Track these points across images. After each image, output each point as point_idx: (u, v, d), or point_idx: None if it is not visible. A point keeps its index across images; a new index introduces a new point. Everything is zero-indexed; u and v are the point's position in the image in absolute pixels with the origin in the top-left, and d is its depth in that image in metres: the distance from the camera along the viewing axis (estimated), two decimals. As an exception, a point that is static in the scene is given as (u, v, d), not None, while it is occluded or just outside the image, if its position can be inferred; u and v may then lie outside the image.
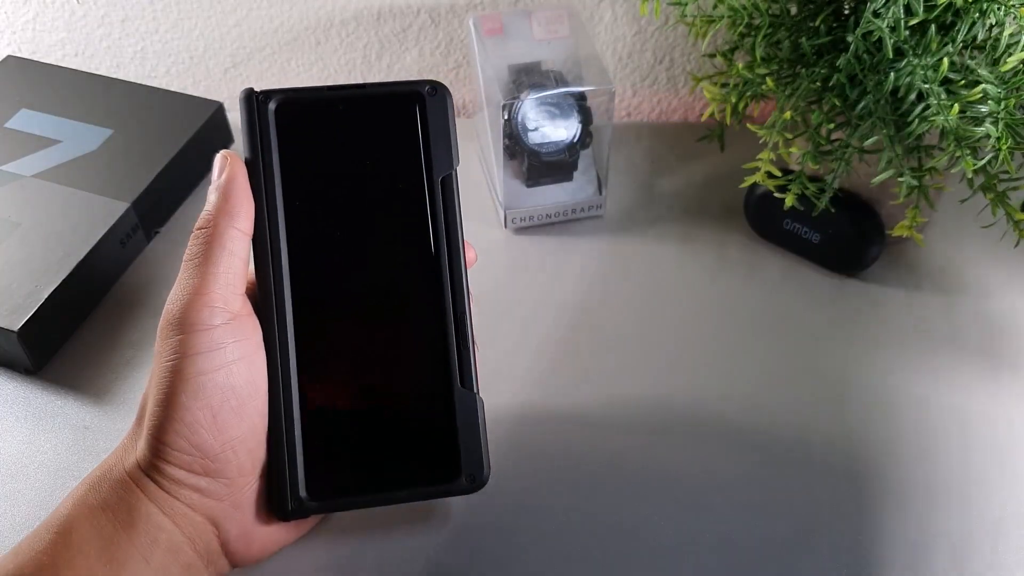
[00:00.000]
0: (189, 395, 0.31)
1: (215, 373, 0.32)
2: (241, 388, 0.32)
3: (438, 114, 0.36)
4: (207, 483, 0.32)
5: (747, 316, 0.51)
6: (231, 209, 0.33)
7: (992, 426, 0.45)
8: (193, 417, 0.31)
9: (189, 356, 0.31)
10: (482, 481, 0.35)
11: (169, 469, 0.32)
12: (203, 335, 0.32)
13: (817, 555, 0.40)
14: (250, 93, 0.35)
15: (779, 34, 0.48)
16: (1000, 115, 0.42)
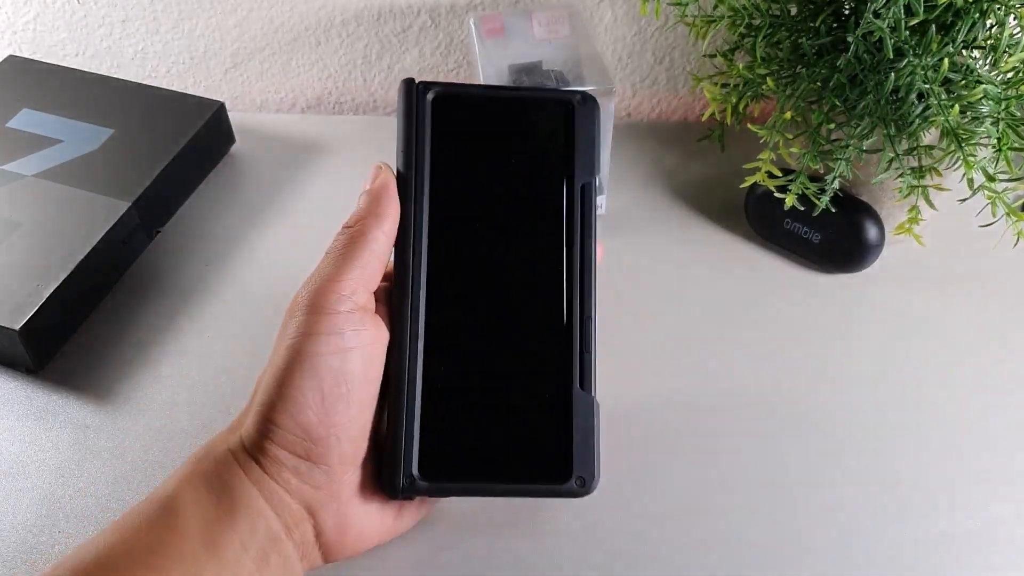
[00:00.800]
0: (303, 374, 0.32)
1: (331, 356, 0.32)
2: (353, 376, 0.33)
3: (586, 123, 0.37)
4: (308, 468, 0.33)
5: (747, 316, 0.51)
6: (380, 212, 0.35)
7: (992, 425, 0.45)
8: (303, 397, 0.32)
9: (309, 335, 0.32)
10: (592, 486, 0.35)
11: (272, 448, 0.32)
12: (326, 318, 0.33)
13: (818, 554, 0.40)
14: (410, 82, 0.36)
15: (779, 34, 0.48)
16: (1000, 115, 0.42)
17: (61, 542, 0.40)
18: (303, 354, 0.32)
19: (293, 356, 0.32)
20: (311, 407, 0.32)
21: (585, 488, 0.35)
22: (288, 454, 0.33)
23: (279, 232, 0.56)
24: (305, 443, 0.33)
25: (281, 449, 0.32)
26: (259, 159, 0.61)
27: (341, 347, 0.33)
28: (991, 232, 0.47)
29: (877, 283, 0.53)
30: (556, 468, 0.35)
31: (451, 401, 0.35)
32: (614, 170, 0.59)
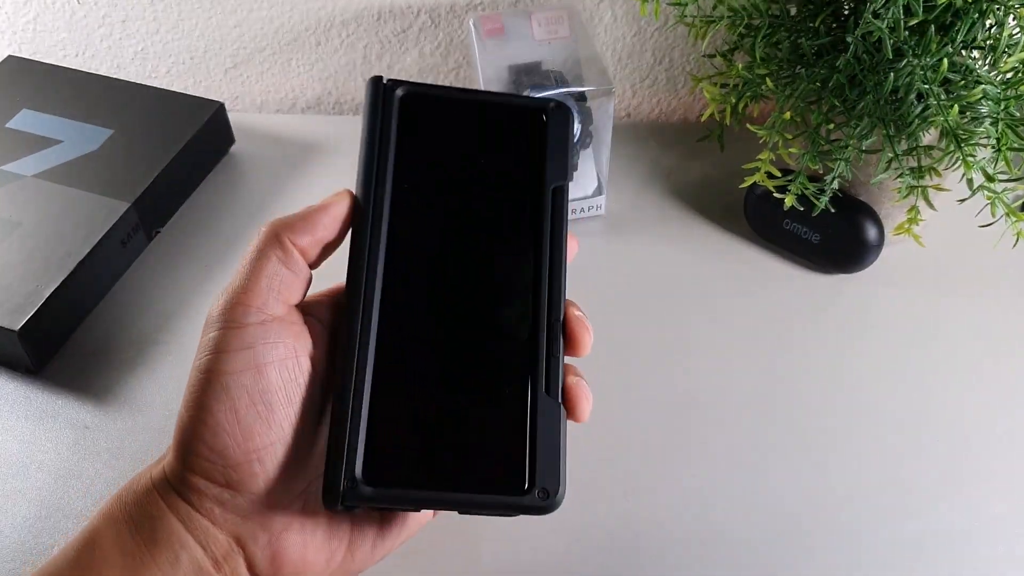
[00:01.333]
0: (214, 396, 0.30)
1: (241, 374, 0.30)
2: (271, 394, 0.30)
3: (559, 130, 0.36)
4: (230, 496, 0.30)
5: (747, 316, 0.51)
6: (299, 224, 0.32)
7: (993, 425, 0.45)
8: (215, 419, 0.30)
9: (219, 353, 0.30)
10: (556, 501, 0.32)
11: (191, 478, 0.30)
12: (233, 332, 0.30)
13: (818, 554, 0.40)
14: (378, 79, 0.35)
15: (779, 35, 0.48)
16: (999, 115, 0.42)
17: (60, 542, 0.40)
18: (213, 373, 0.30)
19: (203, 377, 0.30)
20: (225, 430, 0.30)
21: (548, 502, 0.31)
22: (207, 482, 0.30)
23: (279, 232, 0.56)
24: (223, 469, 0.30)
25: (199, 477, 0.30)
26: (259, 159, 0.61)
27: (253, 363, 0.30)
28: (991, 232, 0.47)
29: (877, 283, 0.53)
30: (516, 478, 0.32)
31: (402, 402, 0.32)
32: (614, 170, 0.59)
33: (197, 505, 0.30)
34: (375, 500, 0.31)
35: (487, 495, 0.32)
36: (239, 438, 0.30)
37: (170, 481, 0.31)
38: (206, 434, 0.30)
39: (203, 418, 0.30)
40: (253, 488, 0.30)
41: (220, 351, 0.30)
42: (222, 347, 0.30)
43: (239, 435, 0.30)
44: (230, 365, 0.30)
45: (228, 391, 0.30)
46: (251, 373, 0.30)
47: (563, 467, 0.32)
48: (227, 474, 0.30)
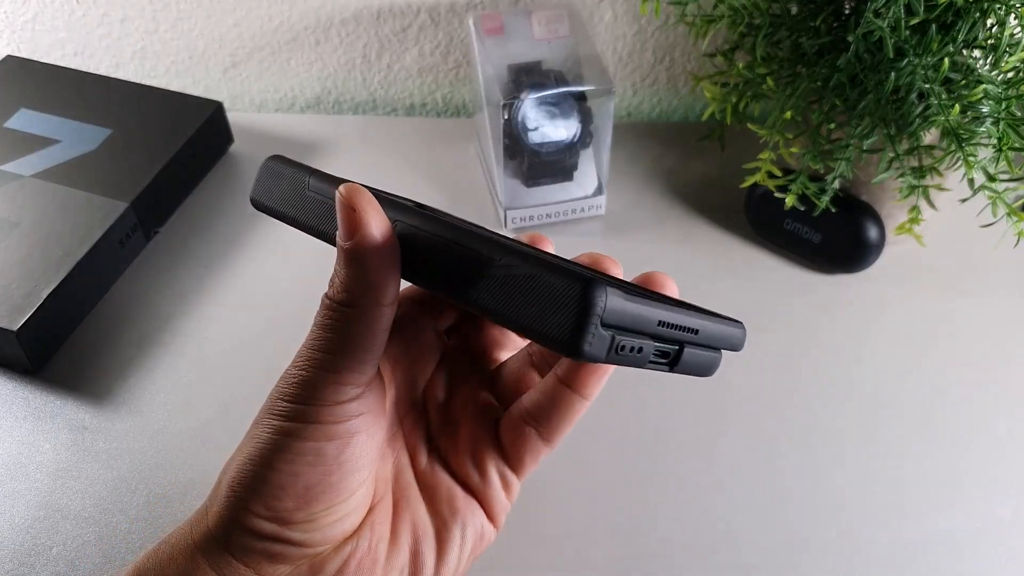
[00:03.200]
0: (283, 457, 0.28)
1: (328, 443, 0.28)
2: (350, 463, 0.29)
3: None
4: (281, 548, 0.29)
5: (747, 316, 0.51)
6: (374, 280, 0.27)
7: (993, 425, 0.45)
8: (280, 482, 0.28)
9: (305, 423, 0.28)
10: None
11: (240, 533, 0.29)
12: (326, 409, 0.28)
13: (818, 554, 0.40)
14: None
15: (779, 34, 0.48)
16: (1001, 115, 0.42)
17: (59, 543, 0.40)
18: (291, 437, 0.28)
19: (277, 439, 0.28)
20: (288, 494, 0.28)
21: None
22: (257, 538, 0.29)
23: (278, 232, 0.56)
24: (279, 529, 0.29)
25: (249, 533, 0.29)
26: (258, 159, 0.61)
27: (341, 434, 0.29)
28: (992, 232, 0.46)
29: (878, 283, 0.52)
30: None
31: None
32: (614, 170, 0.59)
33: (244, 559, 0.29)
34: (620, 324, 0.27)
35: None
36: (302, 502, 0.28)
37: (214, 534, 0.29)
38: (267, 493, 0.28)
39: (267, 476, 0.28)
40: (309, 543, 0.29)
41: (306, 422, 0.28)
42: (309, 419, 0.28)
43: (303, 500, 0.28)
44: (315, 433, 0.28)
45: (304, 457, 0.28)
46: (336, 444, 0.28)
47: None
48: (280, 532, 0.29)
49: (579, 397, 0.32)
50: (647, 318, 0.27)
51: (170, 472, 0.43)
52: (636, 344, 0.27)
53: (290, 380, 0.29)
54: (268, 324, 0.50)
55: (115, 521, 0.41)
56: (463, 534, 0.33)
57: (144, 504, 0.42)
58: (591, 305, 0.25)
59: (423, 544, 0.32)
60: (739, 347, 0.31)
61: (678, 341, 0.28)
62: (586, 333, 0.25)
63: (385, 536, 0.31)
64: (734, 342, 0.31)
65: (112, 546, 0.40)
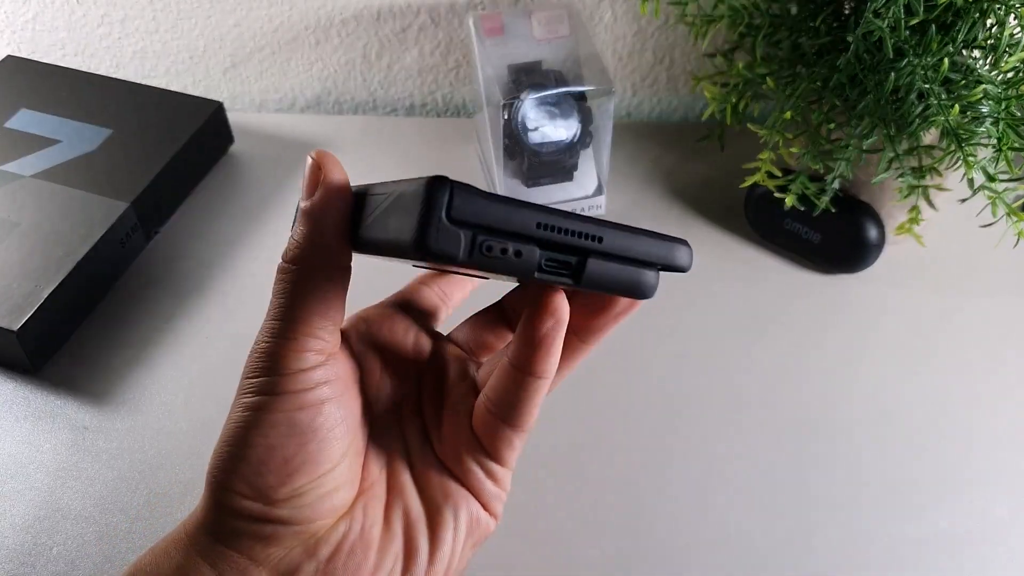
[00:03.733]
0: (258, 431, 0.28)
1: (296, 412, 0.28)
2: (325, 431, 0.29)
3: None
4: (271, 529, 0.29)
5: (747, 316, 0.51)
6: (324, 240, 0.28)
7: (993, 425, 0.45)
8: (259, 457, 0.28)
9: (271, 395, 0.28)
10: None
11: (228, 518, 0.29)
12: (288, 379, 0.28)
13: (818, 553, 0.40)
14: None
15: (779, 34, 0.48)
16: (1000, 115, 0.42)
17: (60, 543, 0.40)
18: (261, 411, 0.28)
19: (249, 415, 0.28)
20: (269, 469, 0.28)
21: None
22: (246, 521, 0.29)
23: (278, 232, 0.56)
24: (264, 508, 0.28)
25: (236, 516, 0.29)
26: (258, 159, 0.61)
27: (311, 402, 0.29)
28: (992, 232, 0.46)
29: (878, 283, 0.52)
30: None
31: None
32: (614, 170, 0.59)
33: (235, 545, 0.29)
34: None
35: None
36: (284, 476, 0.28)
37: (203, 524, 0.29)
38: (247, 471, 0.28)
39: (244, 455, 0.28)
40: (297, 520, 0.29)
41: (273, 393, 0.28)
42: (275, 389, 0.28)
43: (284, 473, 0.28)
44: (286, 404, 0.28)
45: (277, 428, 0.28)
46: (307, 412, 0.29)
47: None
48: (267, 511, 0.29)
49: (532, 377, 0.30)
50: (518, 219, 0.26)
51: (170, 472, 0.43)
52: (507, 246, 0.26)
53: (253, 355, 0.29)
54: (268, 324, 0.50)
55: (115, 521, 0.41)
56: (455, 519, 0.33)
57: (144, 504, 0.42)
58: (431, 197, 0.25)
59: (416, 529, 0.32)
60: (682, 265, 0.29)
61: (577, 250, 0.27)
62: (428, 227, 0.25)
63: (378, 521, 0.31)
64: (670, 259, 0.29)
65: (112, 546, 0.40)
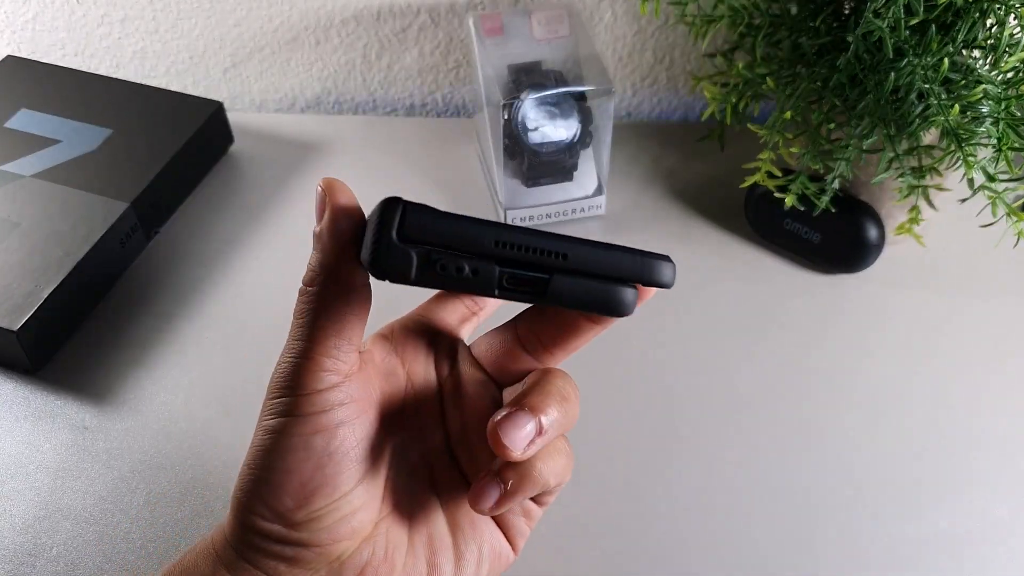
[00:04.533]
0: (277, 455, 0.28)
1: (312, 436, 0.29)
2: (340, 455, 0.29)
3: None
4: (293, 551, 0.29)
5: (747, 316, 0.51)
6: (335, 263, 0.28)
7: (994, 425, 0.45)
8: (277, 480, 0.28)
9: (289, 416, 0.29)
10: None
11: (251, 537, 0.29)
12: (306, 399, 0.29)
13: (818, 554, 0.40)
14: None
15: (779, 34, 0.48)
16: (1000, 115, 0.42)
17: (60, 543, 0.40)
18: (281, 434, 0.29)
19: (270, 437, 0.29)
20: (287, 492, 0.28)
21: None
22: (269, 541, 0.29)
23: (278, 232, 0.56)
24: (284, 530, 0.29)
25: (259, 536, 0.29)
26: (258, 159, 0.61)
27: (324, 426, 0.29)
28: (992, 232, 0.46)
29: (878, 283, 0.52)
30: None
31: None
32: (614, 170, 0.59)
33: (259, 564, 0.29)
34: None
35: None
36: (301, 499, 0.29)
37: (229, 541, 0.30)
38: (266, 494, 0.29)
39: (264, 477, 0.29)
40: (317, 543, 0.29)
41: (294, 414, 0.29)
42: (294, 411, 0.29)
43: (301, 496, 0.29)
44: (302, 427, 0.29)
45: (294, 453, 0.29)
46: (322, 436, 0.29)
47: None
48: (287, 534, 0.29)
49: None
50: (473, 237, 0.26)
51: (170, 472, 0.43)
52: (462, 265, 0.26)
53: (274, 375, 0.30)
54: (268, 324, 0.50)
55: (115, 521, 0.41)
56: (480, 551, 0.32)
57: (144, 504, 0.42)
58: (382, 218, 0.25)
59: (440, 556, 0.32)
60: (662, 281, 0.28)
61: (541, 267, 0.27)
62: (379, 246, 0.25)
63: (402, 545, 0.31)
64: (648, 275, 0.28)
65: (112, 546, 0.40)
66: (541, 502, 0.34)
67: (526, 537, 0.34)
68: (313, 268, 0.29)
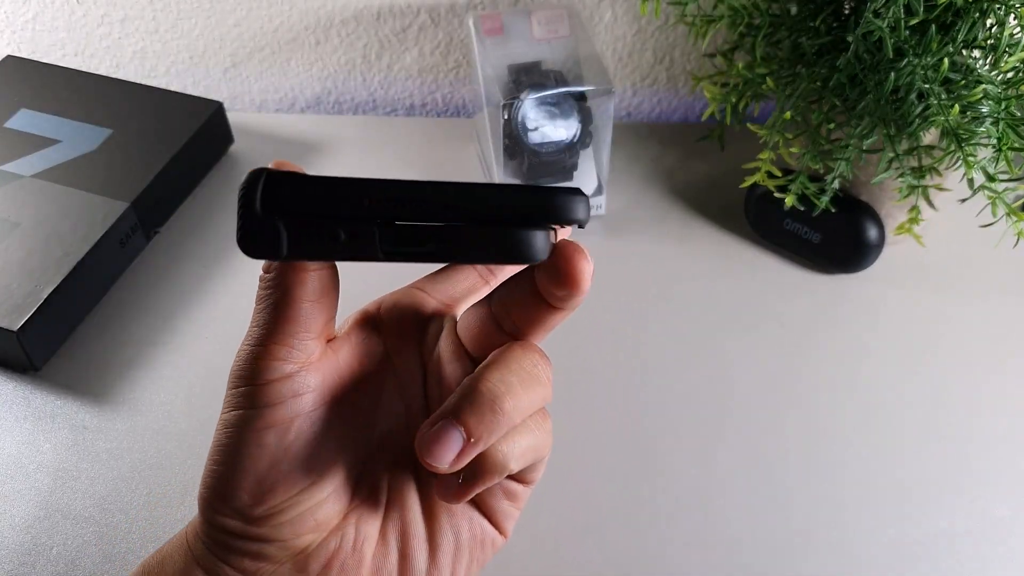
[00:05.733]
0: (233, 452, 0.28)
1: (266, 431, 0.28)
2: (299, 449, 0.28)
3: None
4: (258, 547, 0.29)
5: (747, 316, 0.51)
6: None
7: (994, 425, 0.45)
8: (234, 477, 0.28)
9: (243, 409, 0.28)
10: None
11: (216, 533, 0.29)
12: (259, 390, 0.28)
13: (818, 554, 0.40)
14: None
15: (779, 34, 0.48)
16: (1000, 115, 0.42)
17: (60, 543, 0.40)
18: (236, 429, 0.28)
19: (228, 432, 0.28)
20: (244, 489, 0.28)
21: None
22: (232, 537, 0.29)
23: (278, 232, 0.56)
24: (245, 526, 0.28)
25: (223, 532, 0.29)
26: (258, 159, 0.61)
27: (279, 420, 0.28)
28: (992, 232, 0.46)
29: (878, 283, 0.52)
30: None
31: None
32: (614, 170, 0.59)
33: (226, 558, 0.29)
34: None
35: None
36: (258, 495, 0.28)
37: (199, 536, 0.30)
38: (224, 491, 0.28)
39: (221, 474, 0.28)
40: (278, 537, 0.29)
41: (245, 407, 0.28)
42: (247, 403, 0.28)
43: (258, 493, 0.28)
44: (253, 422, 0.28)
45: (248, 448, 0.28)
46: (275, 431, 0.28)
47: None
48: (247, 529, 0.29)
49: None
50: (343, 197, 0.23)
51: (170, 472, 0.43)
52: (336, 230, 0.24)
53: (233, 364, 0.29)
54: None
55: (115, 521, 0.41)
56: (458, 539, 0.31)
57: (144, 504, 0.42)
58: (244, 192, 0.23)
59: (413, 546, 0.31)
60: (573, 217, 0.25)
61: (428, 219, 0.24)
62: (244, 223, 0.23)
63: (372, 536, 0.31)
64: (554, 212, 0.25)
65: (112, 546, 0.40)
66: (526, 480, 0.32)
67: (515, 519, 0.33)
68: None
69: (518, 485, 0.32)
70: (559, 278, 0.26)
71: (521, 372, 0.28)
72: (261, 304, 0.28)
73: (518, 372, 0.28)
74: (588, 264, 0.26)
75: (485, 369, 0.28)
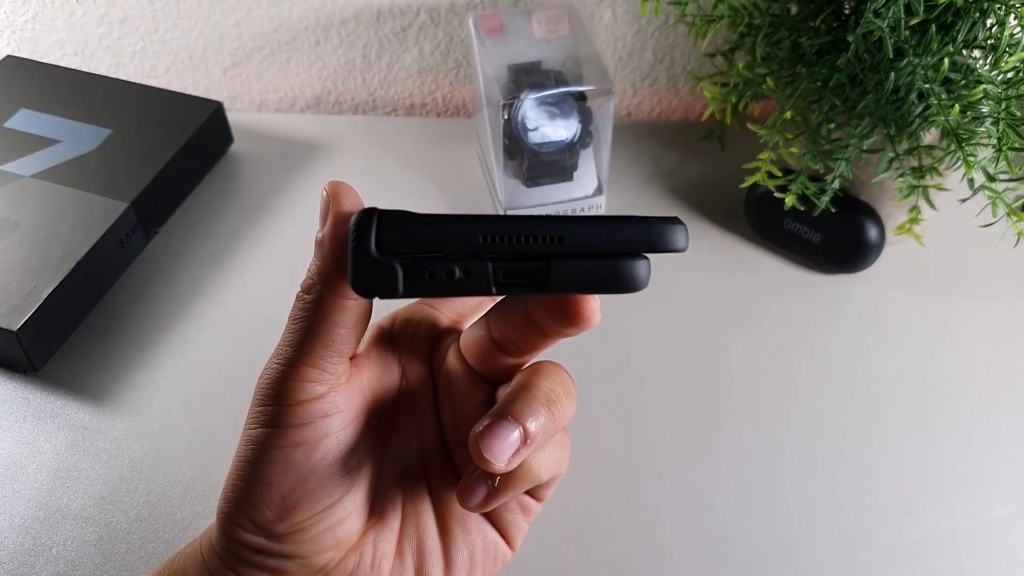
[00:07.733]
0: (259, 468, 0.28)
1: (292, 450, 0.28)
2: (321, 470, 0.28)
3: None
4: (275, 563, 0.29)
5: (747, 316, 0.51)
6: (336, 271, 0.27)
7: (993, 426, 0.45)
8: (259, 493, 0.28)
9: (271, 427, 0.28)
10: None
11: (234, 547, 0.29)
12: (287, 410, 0.28)
13: (818, 554, 0.40)
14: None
15: (779, 34, 0.48)
16: (1000, 115, 0.42)
17: (60, 543, 0.40)
18: (262, 446, 0.28)
19: (252, 448, 0.28)
20: (268, 505, 0.28)
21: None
22: (251, 551, 0.29)
23: (278, 232, 0.56)
24: (267, 542, 0.29)
25: (242, 546, 0.29)
26: (258, 159, 0.61)
27: (306, 439, 0.28)
28: (992, 232, 0.46)
29: (878, 283, 0.52)
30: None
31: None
32: (614, 170, 0.59)
33: (244, 574, 0.29)
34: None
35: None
36: (282, 512, 0.28)
37: (215, 549, 0.30)
38: (247, 506, 0.28)
39: (245, 489, 0.28)
40: (299, 554, 0.29)
41: (272, 425, 0.28)
42: (275, 422, 0.28)
43: (283, 509, 0.28)
44: (281, 439, 0.28)
45: (274, 465, 0.28)
46: (303, 449, 0.28)
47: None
48: (269, 545, 0.29)
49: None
50: (456, 236, 0.24)
51: (170, 472, 0.43)
52: (452, 268, 0.24)
53: (260, 380, 0.29)
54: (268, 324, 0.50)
55: (115, 521, 0.41)
56: (472, 555, 0.32)
57: (144, 504, 0.42)
58: (358, 232, 0.24)
59: (429, 563, 0.31)
60: (674, 246, 0.26)
61: (537, 255, 0.25)
62: (360, 264, 0.24)
63: (389, 553, 0.31)
64: (657, 242, 0.26)
65: (112, 546, 0.40)
66: (539, 496, 0.33)
67: (524, 533, 0.33)
68: (312, 276, 0.28)
69: (531, 500, 0.33)
70: (567, 316, 0.27)
71: (563, 385, 0.29)
72: (296, 324, 0.28)
73: (562, 384, 0.29)
74: (595, 299, 0.27)
75: (535, 376, 0.29)
